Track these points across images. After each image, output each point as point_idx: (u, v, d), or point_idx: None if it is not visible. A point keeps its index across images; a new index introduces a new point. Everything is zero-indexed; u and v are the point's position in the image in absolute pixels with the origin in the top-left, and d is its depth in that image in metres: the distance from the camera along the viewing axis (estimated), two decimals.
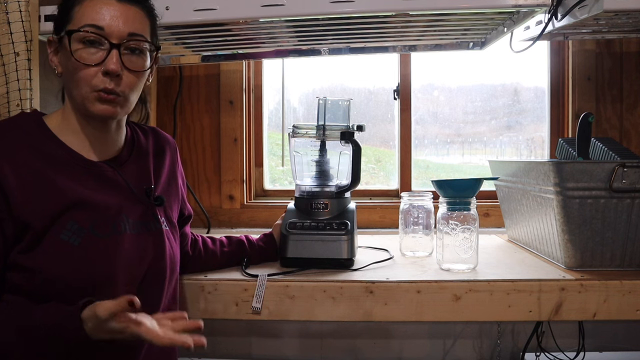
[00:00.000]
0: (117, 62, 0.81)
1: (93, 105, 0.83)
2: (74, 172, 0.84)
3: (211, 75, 1.70)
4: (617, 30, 1.34)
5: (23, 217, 0.77)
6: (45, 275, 0.77)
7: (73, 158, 0.85)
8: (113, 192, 0.88)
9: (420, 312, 1.01)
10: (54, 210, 0.80)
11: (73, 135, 0.87)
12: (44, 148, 0.83)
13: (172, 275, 0.94)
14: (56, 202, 0.80)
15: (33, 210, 0.78)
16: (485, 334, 1.59)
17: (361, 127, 1.18)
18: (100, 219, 0.84)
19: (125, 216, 0.87)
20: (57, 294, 0.78)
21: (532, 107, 1.76)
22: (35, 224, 0.78)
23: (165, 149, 1.02)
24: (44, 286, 0.78)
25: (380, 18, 1.16)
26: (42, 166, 0.81)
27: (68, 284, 0.78)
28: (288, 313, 1.03)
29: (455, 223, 1.09)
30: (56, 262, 0.78)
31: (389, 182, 1.79)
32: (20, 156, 0.81)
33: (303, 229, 1.12)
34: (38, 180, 0.80)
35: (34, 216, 0.78)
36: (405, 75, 1.72)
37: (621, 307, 1.00)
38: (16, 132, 0.84)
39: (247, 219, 1.70)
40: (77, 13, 0.82)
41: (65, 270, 0.78)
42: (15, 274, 0.78)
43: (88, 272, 0.80)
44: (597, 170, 1.03)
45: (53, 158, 0.83)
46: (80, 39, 0.81)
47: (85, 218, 0.82)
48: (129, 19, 0.83)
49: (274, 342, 1.62)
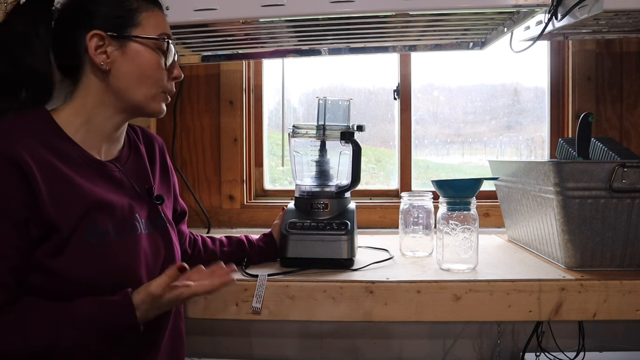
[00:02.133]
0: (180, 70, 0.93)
1: (159, 104, 0.90)
2: (88, 173, 0.83)
3: (211, 75, 1.70)
4: (617, 30, 1.34)
5: (50, 218, 0.76)
6: (73, 277, 0.77)
7: (86, 158, 0.84)
8: (122, 192, 0.88)
9: (420, 312, 1.01)
10: (78, 212, 0.79)
11: (85, 133, 0.85)
12: (57, 146, 0.81)
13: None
14: (79, 203, 0.79)
15: (60, 211, 0.76)
16: (485, 334, 1.59)
17: (361, 127, 1.18)
18: (119, 220, 0.84)
19: (138, 216, 0.88)
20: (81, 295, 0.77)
21: (532, 107, 1.76)
22: (61, 225, 0.76)
23: (155, 147, 1.02)
24: (69, 288, 0.77)
25: (380, 18, 1.16)
26: (60, 165, 0.79)
27: (95, 286, 0.78)
28: (288, 313, 1.03)
29: (455, 223, 1.09)
30: (84, 264, 0.78)
31: (389, 182, 1.79)
32: (39, 153, 0.78)
33: (303, 229, 1.12)
34: (59, 179, 0.78)
35: (61, 218, 0.76)
36: (405, 75, 1.72)
37: (621, 307, 1.00)
38: (28, 129, 0.80)
39: (247, 219, 1.70)
40: (149, 20, 0.87)
41: (93, 271, 0.78)
42: (40, 276, 0.76)
43: (114, 273, 0.81)
44: (597, 170, 1.03)
45: (68, 157, 0.82)
46: (159, 47, 0.88)
47: (105, 219, 0.82)
48: None
49: (274, 342, 1.62)
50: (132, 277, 0.83)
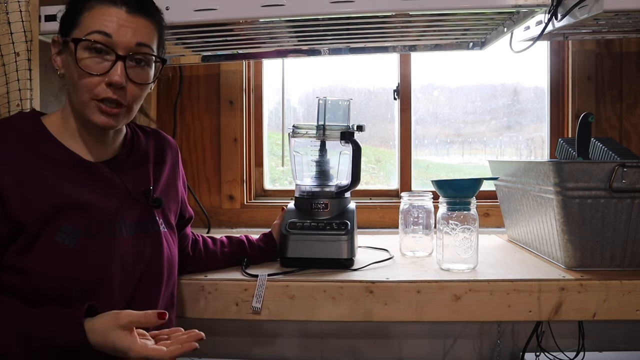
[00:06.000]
0: (122, 74, 0.81)
1: (93, 114, 0.83)
2: (71, 173, 0.84)
3: (211, 75, 1.70)
4: (617, 30, 1.34)
5: (18, 217, 0.77)
6: (40, 277, 0.77)
7: (71, 158, 0.85)
8: (110, 193, 0.87)
9: (420, 312, 1.01)
10: (48, 211, 0.79)
11: (71, 136, 0.87)
12: (41, 148, 0.83)
13: (169, 278, 0.94)
14: (50, 203, 0.80)
15: (27, 211, 0.78)
16: (485, 334, 1.59)
17: (361, 127, 1.19)
18: (96, 221, 0.83)
19: (122, 218, 0.87)
20: (52, 296, 0.77)
21: (532, 107, 1.76)
22: (29, 225, 0.78)
23: (166, 151, 1.02)
24: (39, 288, 0.77)
25: (380, 18, 1.16)
26: (39, 167, 0.81)
27: (62, 286, 0.78)
28: (288, 313, 1.03)
29: (455, 223, 1.09)
30: (50, 264, 0.78)
31: (389, 182, 1.79)
32: (17, 156, 0.80)
33: (303, 229, 1.12)
34: (33, 181, 0.80)
35: (28, 218, 0.78)
36: (405, 75, 1.72)
37: (621, 307, 1.00)
38: (13, 132, 0.83)
39: (247, 219, 1.70)
40: (86, 19, 0.82)
41: (60, 272, 0.78)
42: (11, 275, 0.78)
43: (82, 275, 0.80)
44: (597, 170, 1.03)
45: (50, 158, 0.83)
46: (87, 47, 0.81)
47: (80, 220, 0.82)
48: (138, 30, 0.83)
49: (274, 342, 1.62)
50: (103, 280, 0.81)
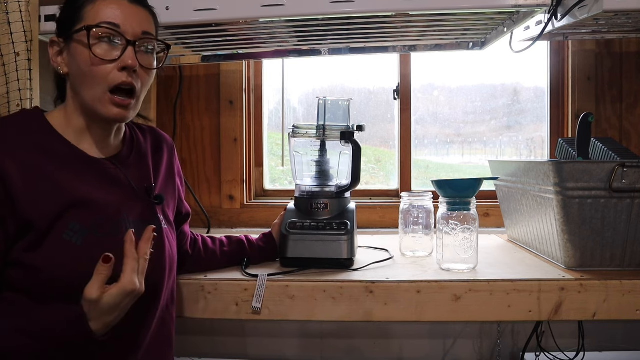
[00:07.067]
0: (134, 58, 0.83)
1: (105, 107, 0.84)
2: (76, 169, 0.85)
3: (211, 75, 1.70)
4: (617, 30, 1.34)
5: (26, 215, 0.77)
6: (47, 274, 0.78)
7: (76, 155, 0.86)
8: (114, 189, 0.88)
9: (420, 312, 1.01)
10: (56, 209, 0.80)
11: (75, 132, 0.87)
12: (46, 145, 0.84)
13: (170, 274, 0.94)
14: (58, 201, 0.80)
15: (36, 209, 0.78)
16: (485, 334, 1.59)
17: (361, 127, 1.18)
18: (101, 219, 0.84)
19: (125, 215, 0.87)
20: (59, 293, 0.78)
21: (532, 107, 1.76)
22: (38, 223, 0.78)
23: (163, 148, 1.03)
24: (46, 285, 0.78)
25: (380, 18, 1.16)
26: (45, 163, 0.81)
27: (70, 284, 0.78)
28: (288, 313, 1.03)
29: (455, 223, 1.09)
30: (58, 262, 0.78)
31: (389, 182, 1.79)
32: (24, 153, 0.80)
33: (303, 228, 1.12)
34: (41, 178, 0.80)
35: (37, 215, 0.78)
36: (405, 75, 1.72)
37: (621, 307, 1.00)
38: (18, 128, 0.84)
39: (247, 219, 1.70)
40: (90, 12, 0.83)
41: (67, 270, 0.79)
42: (17, 271, 0.78)
43: (88, 272, 0.79)
44: (597, 170, 1.03)
45: (55, 155, 0.84)
46: (97, 36, 0.82)
47: (87, 217, 0.82)
48: (142, 19, 0.86)
49: (274, 342, 1.62)
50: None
